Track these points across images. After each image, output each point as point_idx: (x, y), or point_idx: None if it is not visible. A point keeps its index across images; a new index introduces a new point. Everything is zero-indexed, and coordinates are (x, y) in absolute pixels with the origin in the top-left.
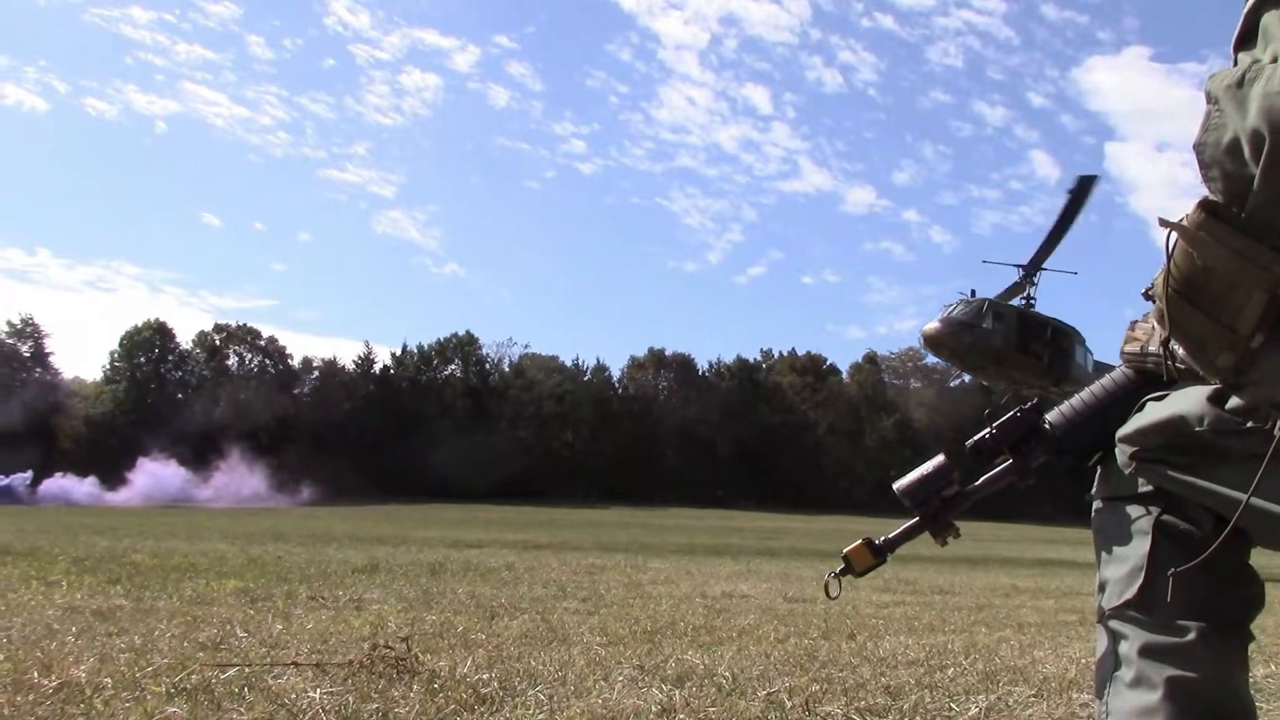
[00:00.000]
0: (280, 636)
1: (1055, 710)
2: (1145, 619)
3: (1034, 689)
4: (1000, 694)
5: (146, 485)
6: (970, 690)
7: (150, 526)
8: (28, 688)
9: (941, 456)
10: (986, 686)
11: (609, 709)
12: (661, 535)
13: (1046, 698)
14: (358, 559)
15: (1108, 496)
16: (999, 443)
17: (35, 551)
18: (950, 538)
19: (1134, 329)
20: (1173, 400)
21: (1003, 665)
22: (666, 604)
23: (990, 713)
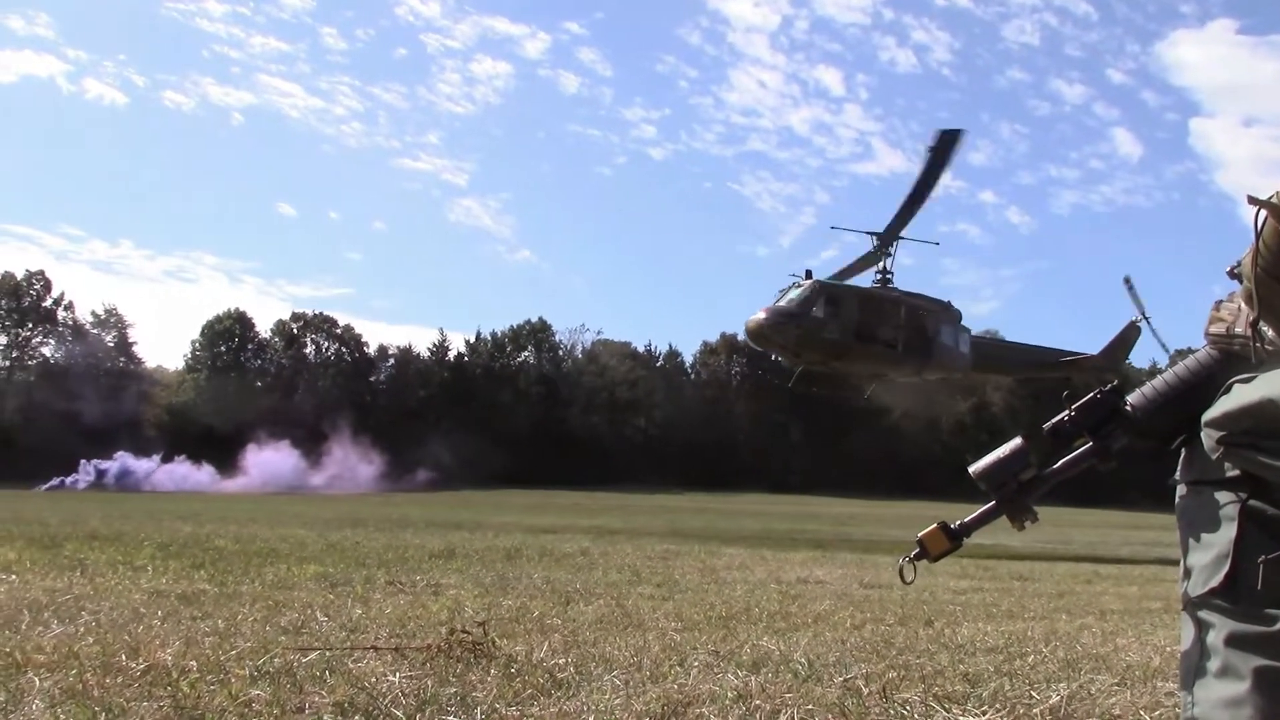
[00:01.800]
0: (360, 621)
1: (1139, 699)
2: (1232, 607)
3: (1117, 677)
4: (1082, 682)
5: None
6: (1051, 678)
7: (233, 512)
8: (116, 670)
9: (1019, 439)
10: (1068, 674)
11: (685, 694)
12: (735, 521)
13: (1130, 686)
14: (434, 544)
15: (1192, 481)
16: (1078, 425)
17: (121, 537)
18: (1028, 522)
19: (1219, 309)
20: (1262, 383)
21: (1084, 653)
22: (741, 590)
23: (1072, 701)
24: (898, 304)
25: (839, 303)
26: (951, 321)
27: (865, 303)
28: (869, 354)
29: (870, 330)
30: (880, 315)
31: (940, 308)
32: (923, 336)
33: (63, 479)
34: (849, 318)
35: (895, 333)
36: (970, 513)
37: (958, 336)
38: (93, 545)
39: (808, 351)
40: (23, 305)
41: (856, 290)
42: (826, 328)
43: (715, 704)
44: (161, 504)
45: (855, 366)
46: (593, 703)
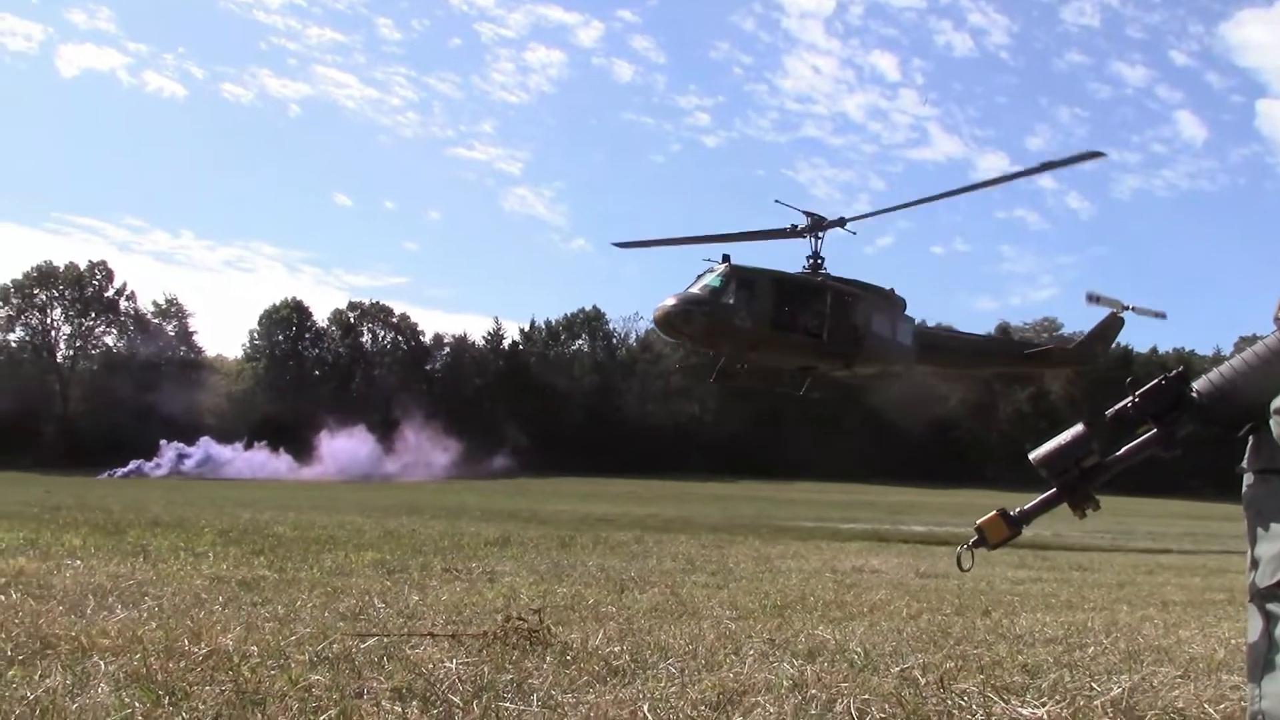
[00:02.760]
0: (416, 607)
1: (1203, 692)
2: None
3: (1180, 670)
4: (1144, 674)
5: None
6: (1112, 670)
7: (294, 499)
8: (179, 654)
9: (1080, 426)
10: (1129, 666)
11: (740, 683)
12: (790, 509)
13: (1194, 679)
14: (490, 532)
15: (1261, 469)
16: (1141, 412)
17: (183, 524)
18: (1089, 510)
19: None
20: None
21: (1146, 644)
22: (796, 578)
23: (1134, 694)
24: (822, 290)
25: (753, 288)
26: (888, 310)
27: (783, 288)
28: (788, 344)
29: (789, 318)
30: (801, 302)
31: (875, 295)
32: (852, 326)
33: (141, 463)
34: (764, 305)
35: (819, 321)
36: (1030, 501)
37: (895, 326)
38: (155, 532)
39: (719, 341)
40: (86, 295)
41: (775, 275)
42: (738, 315)
43: (771, 693)
44: (224, 491)
45: (775, 358)
46: (648, 690)
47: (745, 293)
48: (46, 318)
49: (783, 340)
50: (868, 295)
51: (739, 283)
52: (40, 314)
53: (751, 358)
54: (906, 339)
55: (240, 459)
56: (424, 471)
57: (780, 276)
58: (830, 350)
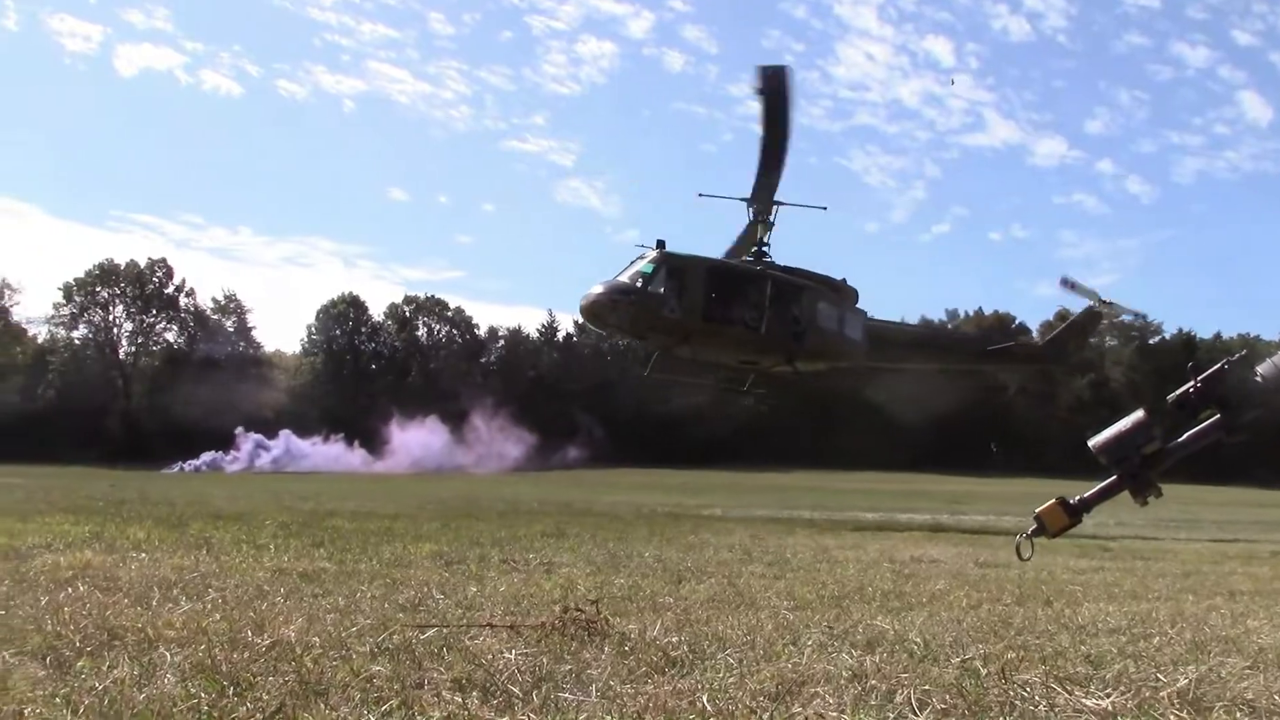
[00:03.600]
0: (475, 599)
1: (1273, 684)
2: None
3: (1249, 660)
4: (1211, 665)
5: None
6: (1178, 660)
7: (351, 491)
8: (243, 645)
9: (1141, 412)
10: (1196, 657)
11: (799, 673)
12: (846, 499)
13: (1263, 670)
14: (547, 523)
15: None
16: (1205, 397)
17: (245, 516)
18: (1151, 497)
19: None
20: None
21: (1213, 635)
22: (853, 568)
23: (1201, 685)
24: (761, 280)
25: (684, 277)
26: (835, 302)
27: (718, 278)
28: (723, 337)
29: (725, 310)
30: (738, 292)
31: (822, 285)
32: (794, 318)
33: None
34: (696, 295)
35: (757, 313)
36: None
37: (844, 319)
38: (217, 525)
39: (647, 333)
40: (146, 292)
41: (710, 263)
42: (667, 305)
43: (830, 683)
44: (285, 484)
45: (709, 352)
46: (707, 681)
47: (676, 282)
48: (109, 315)
49: (717, 333)
50: (812, 286)
51: (670, 271)
52: (103, 311)
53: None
54: (856, 333)
55: (317, 452)
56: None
57: (716, 265)
58: (770, 344)
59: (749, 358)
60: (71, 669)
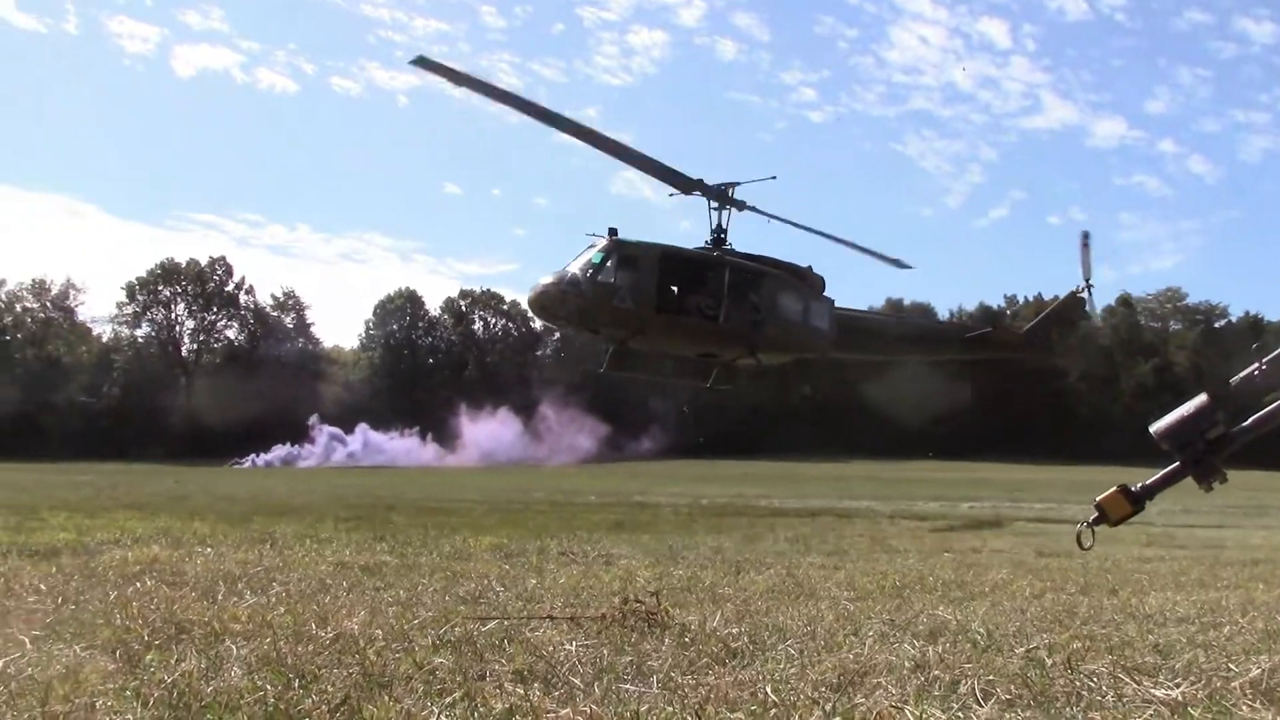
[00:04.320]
0: (535, 591)
1: None
2: None
3: None
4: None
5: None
6: (1250, 650)
7: (411, 486)
8: (307, 638)
9: (1204, 396)
10: (1268, 646)
11: (861, 664)
12: (904, 488)
13: None
14: (605, 515)
15: None
16: (1270, 380)
17: (307, 510)
18: (1216, 483)
19: None
20: None
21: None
22: (914, 558)
23: (1274, 674)
24: (718, 267)
25: (636, 265)
26: (800, 290)
27: (673, 266)
28: (679, 328)
29: (680, 299)
30: (694, 281)
31: (784, 272)
32: (754, 307)
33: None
34: (649, 284)
35: (714, 302)
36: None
37: (809, 308)
38: (279, 519)
39: (598, 325)
40: (207, 290)
41: (664, 250)
42: (618, 295)
43: (892, 674)
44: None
45: (665, 343)
46: (768, 672)
47: (627, 271)
48: (171, 313)
49: (672, 324)
50: (774, 273)
51: (621, 259)
52: (165, 309)
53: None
54: (821, 322)
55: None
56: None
57: (669, 252)
58: (729, 334)
59: (708, 349)
60: (140, 662)
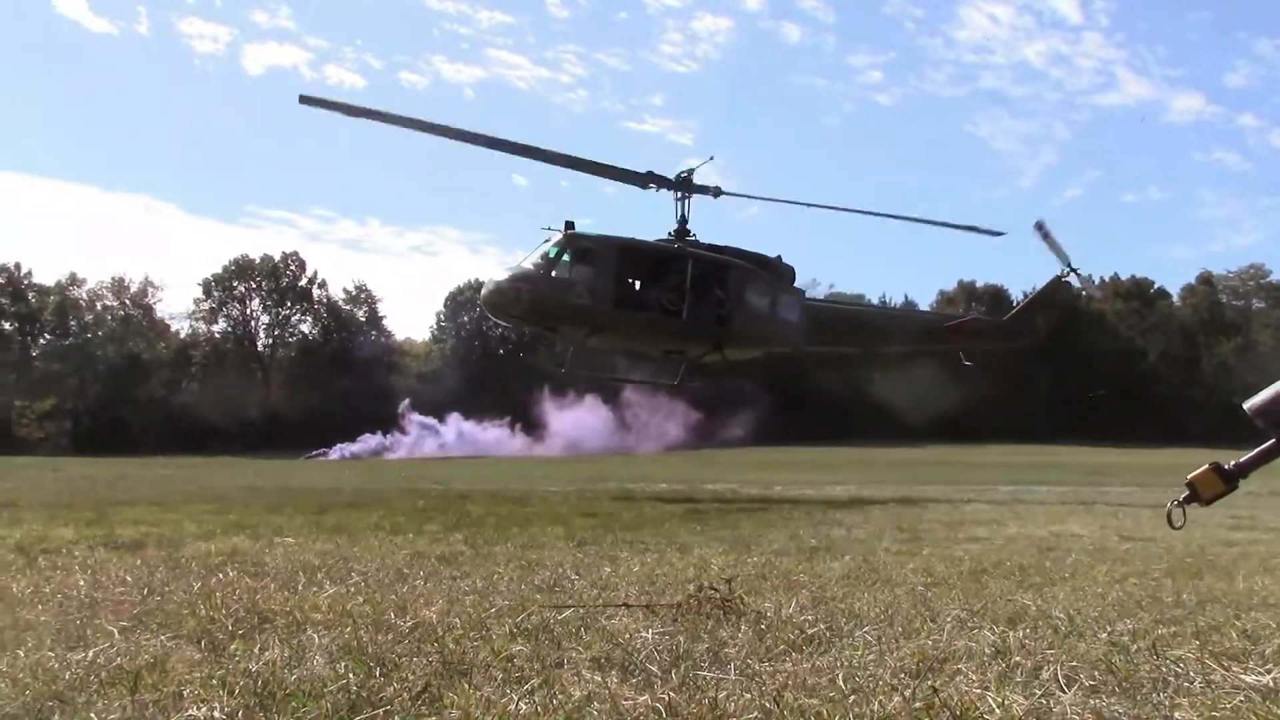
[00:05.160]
0: (609, 579)
1: None
2: None
3: None
4: None
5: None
6: None
7: (484, 475)
8: (386, 627)
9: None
10: None
11: (940, 650)
12: (981, 472)
13: None
14: (678, 504)
15: None
16: None
17: (382, 501)
18: None
19: None
20: None
21: None
22: (991, 544)
23: None
24: (679, 260)
25: (593, 259)
26: (767, 281)
27: (632, 259)
28: (640, 325)
29: (640, 295)
30: (655, 275)
31: (750, 264)
32: (718, 301)
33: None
34: (607, 279)
35: (676, 296)
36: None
37: (777, 300)
38: (355, 510)
39: (554, 323)
40: (281, 286)
41: (622, 244)
42: (574, 292)
43: (973, 660)
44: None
45: (626, 341)
46: (845, 658)
47: (584, 266)
48: (246, 308)
49: (632, 320)
50: (739, 265)
51: (576, 254)
52: (240, 305)
53: (598, 342)
54: (791, 314)
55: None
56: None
57: (628, 245)
58: (693, 330)
59: (671, 347)
60: (225, 652)
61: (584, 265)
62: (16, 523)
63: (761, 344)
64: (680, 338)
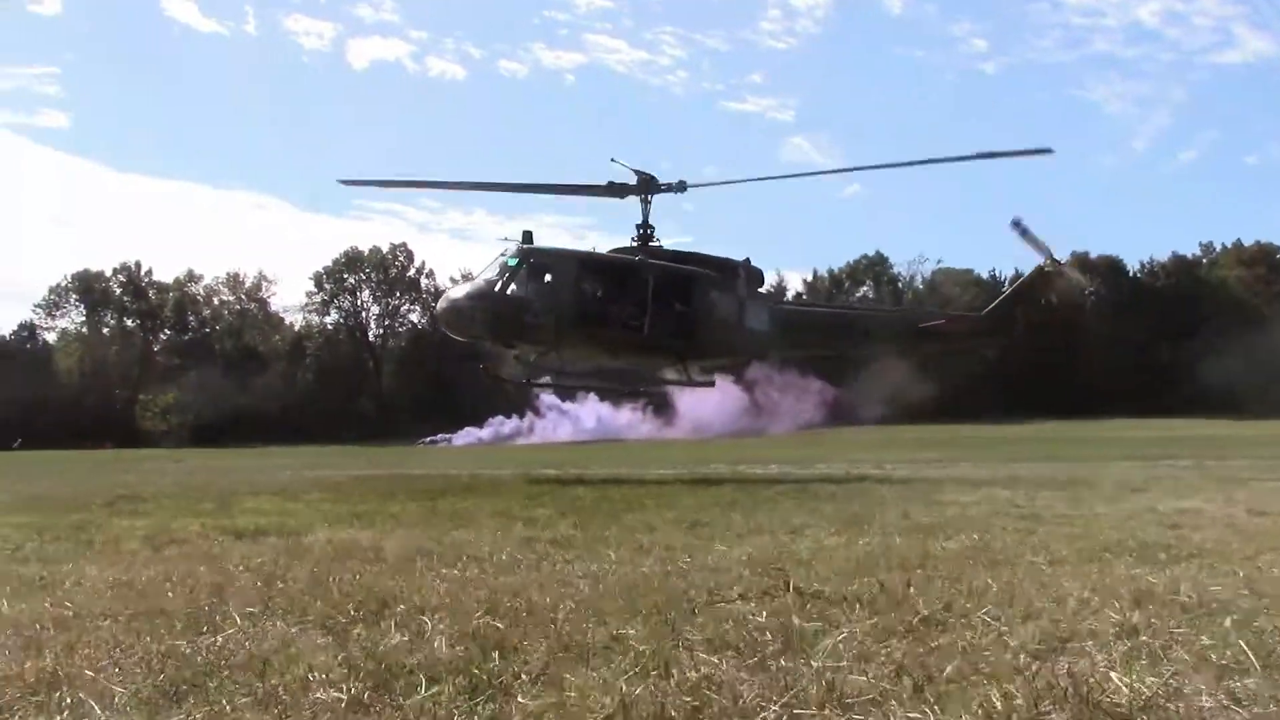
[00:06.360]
0: (721, 561)
1: None
2: None
3: None
4: None
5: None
6: None
7: (600, 458)
8: (502, 611)
9: None
10: None
11: (1062, 630)
12: (1096, 448)
13: None
14: (790, 484)
15: None
16: None
17: (494, 487)
18: None
19: None
20: None
21: None
22: (1112, 521)
23: None
24: (639, 271)
25: (549, 274)
26: (732, 289)
27: (589, 273)
28: (600, 340)
29: (599, 309)
30: (614, 288)
31: (715, 271)
32: (680, 314)
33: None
34: (564, 294)
35: (637, 310)
36: None
37: (743, 308)
38: (469, 497)
39: (513, 341)
40: (390, 276)
41: (579, 257)
42: (529, 310)
43: (1097, 640)
44: (537, 454)
45: (587, 357)
46: (965, 639)
47: (539, 281)
48: (357, 299)
49: (591, 337)
50: (702, 274)
51: (531, 269)
52: (351, 296)
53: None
54: (759, 323)
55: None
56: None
57: (585, 258)
58: (655, 345)
59: (632, 361)
60: (348, 636)
61: (539, 281)
62: (143, 514)
63: (726, 354)
64: (642, 353)
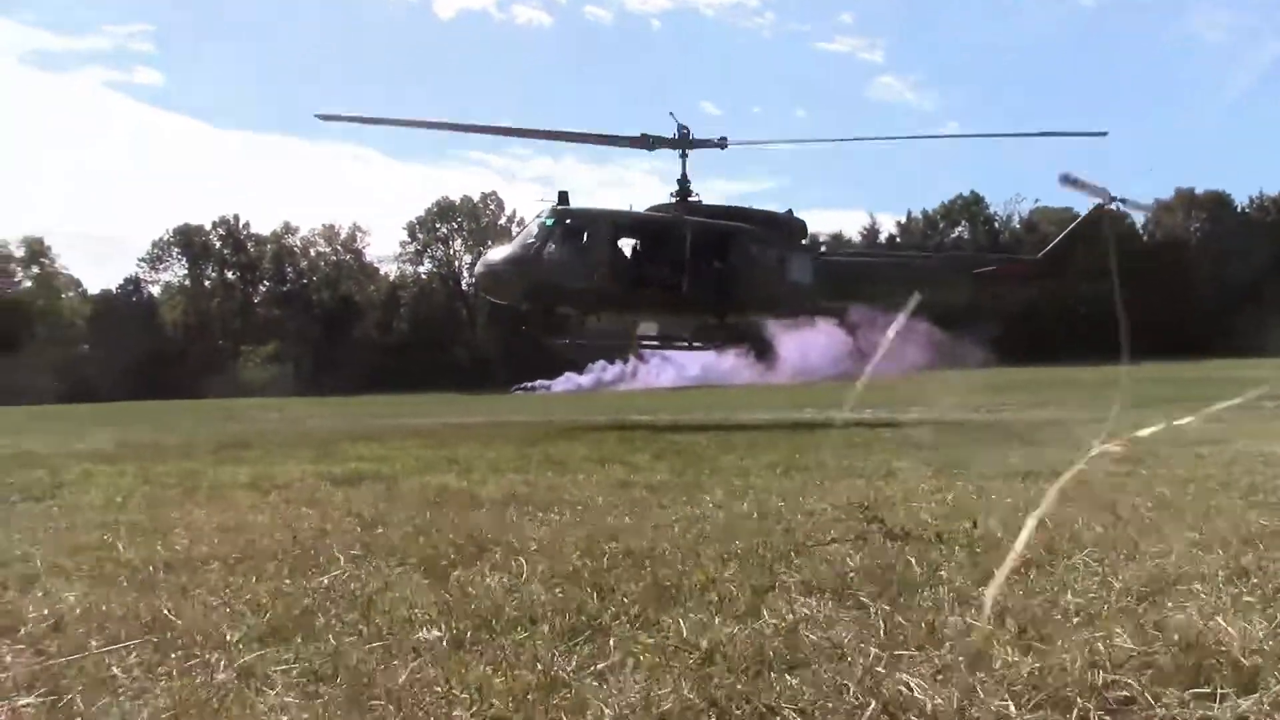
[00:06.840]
0: (816, 505)
1: None
2: None
3: None
4: None
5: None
6: None
7: (698, 404)
8: (599, 554)
9: None
10: None
11: (1166, 573)
12: (1199, 389)
13: None
14: (884, 428)
15: None
16: None
17: (588, 433)
18: None
19: None
20: None
21: None
22: (1215, 462)
23: None
24: (676, 229)
25: (584, 235)
26: (774, 243)
27: (624, 232)
28: (638, 300)
29: (636, 269)
30: (651, 247)
31: (755, 225)
32: (719, 270)
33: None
34: (600, 255)
35: (675, 268)
36: None
37: (786, 261)
38: (564, 442)
39: (549, 303)
40: (481, 225)
41: (613, 216)
42: (566, 271)
43: (1205, 583)
44: (632, 400)
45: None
46: (1069, 580)
47: (575, 242)
48: (449, 249)
49: (629, 297)
50: (741, 228)
51: (566, 230)
52: (443, 246)
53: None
54: (804, 275)
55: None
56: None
57: (621, 217)
58: (695, 303)
59: (672, 319)
60: (448, 578)
61: (575, 242)
62: (248, 461)
63: (769, 309)
64: (682, 311)
